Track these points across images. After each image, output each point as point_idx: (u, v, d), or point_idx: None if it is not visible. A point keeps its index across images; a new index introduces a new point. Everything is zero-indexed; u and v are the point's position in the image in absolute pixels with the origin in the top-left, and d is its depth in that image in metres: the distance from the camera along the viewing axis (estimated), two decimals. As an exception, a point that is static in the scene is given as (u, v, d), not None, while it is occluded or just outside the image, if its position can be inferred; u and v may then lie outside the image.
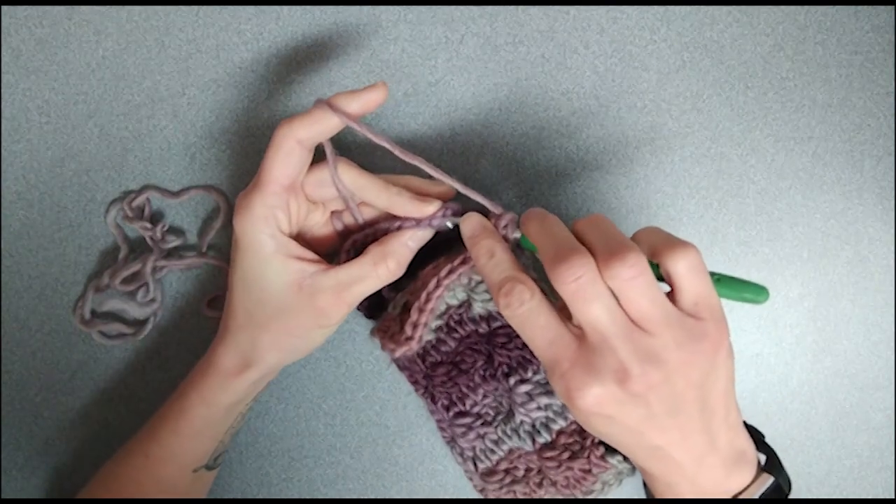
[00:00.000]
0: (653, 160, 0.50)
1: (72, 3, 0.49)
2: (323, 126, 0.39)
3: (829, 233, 0.51)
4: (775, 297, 0.51)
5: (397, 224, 0.42)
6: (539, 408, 0.44)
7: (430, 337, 0.45)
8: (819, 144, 0.51)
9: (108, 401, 0.50)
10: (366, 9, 0.50)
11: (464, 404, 0.45)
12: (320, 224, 0.44)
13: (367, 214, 0.44)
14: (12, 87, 0.49)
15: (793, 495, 0.51)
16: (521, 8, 0.50)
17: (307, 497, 0.51)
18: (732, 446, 0.38)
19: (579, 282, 0.33)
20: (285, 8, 0.50)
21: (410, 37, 0.50)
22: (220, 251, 0.50)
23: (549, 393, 0.44)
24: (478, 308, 0.44)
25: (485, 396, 0.45)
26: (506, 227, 0.40)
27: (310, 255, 0.41)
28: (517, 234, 0.40)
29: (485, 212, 0.41)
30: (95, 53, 0.49)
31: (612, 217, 0.50)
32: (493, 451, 0.46)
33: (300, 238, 0.43)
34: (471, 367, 0.45)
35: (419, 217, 0.41)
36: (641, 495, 0.50)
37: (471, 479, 0.48)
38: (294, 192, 0.40)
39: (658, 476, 0.38)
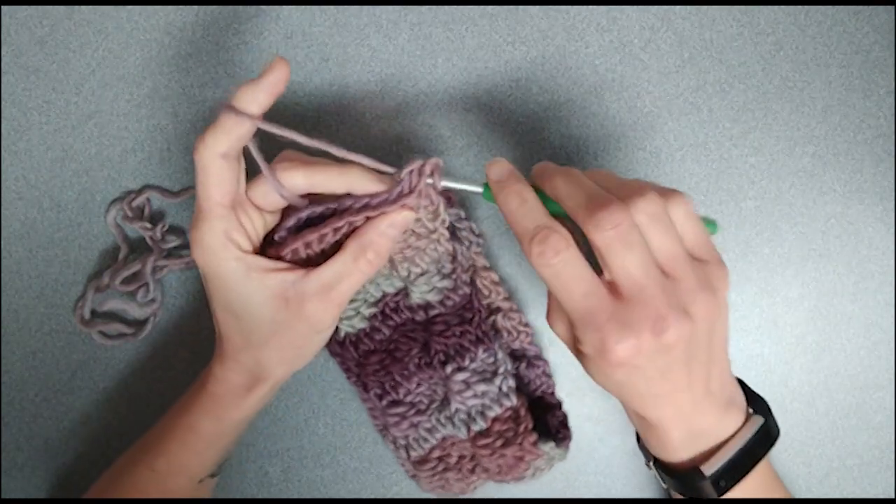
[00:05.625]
0: (653, 160, 0.50)
1: (72, 3, 0.49)
2: (239, 132, 0.36)
3: (829, 233, 0.51)
4: (775, 298, 0.51)
5: (359, 203, 0.39)
6: (475, 395, 0.44)
7: (363, 325, 0.44)
8: (819, 144, 0.51)
9: (108, 401, 0.50)
10: (366, 9, 0.50)
11: (397, 393, 0.44)
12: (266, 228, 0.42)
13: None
14: (12, 87, 0.49)
15: (793, 495, 0.51)
16: (521, 8, 0.50)
17: (307, 497, 0.51)
18: (724, 391, 0.38)
19: (619, 229, 0.33)
20: (285, 8, 0.50)
21: (410, 37, 0.50)
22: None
23: (486, 380, 0.44)
24: (416, 297, 0.43)
25: (419, 385, 0.44)
26: (431, 174, 0.38)
27: (282, 264, 0.39)
28: (450, 184, 0.38)
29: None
30: (95, 53, 0.49)
31: (612, 217, 0.50)
32: (426, 440, 0.45)
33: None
34: (405, 354, 0.44)
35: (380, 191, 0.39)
36: (645, 495, 0.50)
37: (402, 465, 0.47)
38: (242, 207, 0.38)
39: (653, 421, 0.37)
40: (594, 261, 0.35)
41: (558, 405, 0.47)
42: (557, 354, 0.50)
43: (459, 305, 0.44)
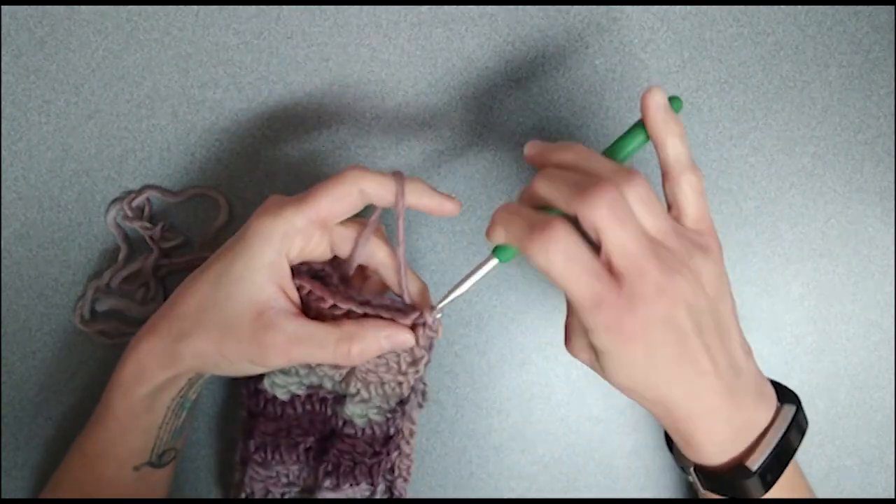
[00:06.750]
0: (653, 160, 0.50)
1: (72, 3, 0.49)
2: (386, 194, 0.38)
3: (829, 233, 0.51)
4: (775, 298, 0.51)
5: (361, 297, 0.40)
6: None
7: (284, 397, 0.43)
8: (819, 144, 0.51)
9: (108, 401, 0.50)
10: (366, 9, 0.50)
11: (272, 458, 0.44)
12: (313, 258, 0.42)
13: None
14: (12, 87, 0.49)
15: (792, 495, 0.51)
16: (521, 8, 0.50)
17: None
18: (753, 378, 0.38)
19: (611, 206, 0.33)
20: (285, 8, 0.50)
21: (410, 37, 0.50)
22: (220, 251, 0.49)
23: None
24: (347, 410, 0.43)
25: (295, 463, 0.44)
26: (423, 321, 0.40)
27: (292, 293, 0.39)
28: (469, 282, 0.39)
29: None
30: (95, 53, 0.49)
31: (612, 217, 0.50)
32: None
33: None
34: (302, 436, 0.44)
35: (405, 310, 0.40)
36: (645, 495, 0.50)
37: (230, 483, 0.47)
38: (323, 230, 0.39)
39: (693, 418, 0.36)
40: None
41: None
42: (556, 355, 0.50)
43: (376, 439, 0.44)
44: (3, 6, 0.49)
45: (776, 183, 0.51)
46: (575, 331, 0.38)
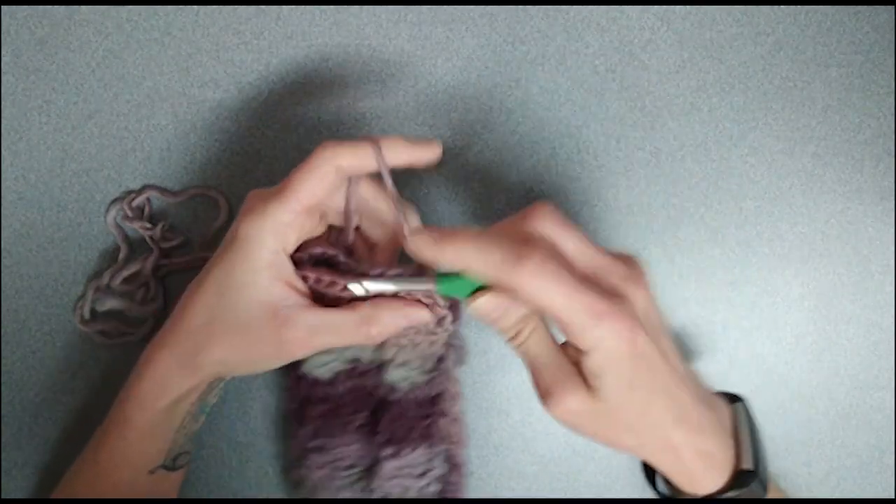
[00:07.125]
0: (653, 160, 0.50)
1: (72, 3, 0.49)
2: (367, 162, 0.37)
3: (829, 233, 0.51)
4: (775, 297, 0.51)
5: (376, 271, 0.39)
6: (399, 487, 0.43)
7: (327, 376, 0.44)
8: (819, 144, 0.51)
9: (108, 401, 0.50)
10: (366, 9, 0.50)
11: (329, 442, 0.44)
12: (313, 234, 0.42)
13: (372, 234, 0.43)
14: (12, 87, 0.49)
15: (792, 495, 0.51)
16: (521, 8, 0.50)
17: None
18: (702, 387, 0.38)
19: (555, 214, 0.35)
20: (285, 8, 0.50)
21: (410, 37, 0.50)
22: (220, 251, 0.49)
23: (415, 477, 0.43)
24: (388, 377, 0.43)
25: (352, 443, 0.44)
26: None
27: (299, 284, 0.39)
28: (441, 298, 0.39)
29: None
30: (95, 53, 0.49)
31: (613, 217, 0.50)
32: (336, 491, 0.45)
33: None
34: (352, 414, 0.44)
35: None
36: (646, 495, 0.50)
37: (294, 487, 0.47)
38: (312, 214, 0.38)
39: (689, 440, 0.36)
40: None
41: None
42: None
43: (422, 400, 0.44)
44: (3, 6, 0.49)
45: (776, 183, 0.51)
46: (555, 380, 0.36)
